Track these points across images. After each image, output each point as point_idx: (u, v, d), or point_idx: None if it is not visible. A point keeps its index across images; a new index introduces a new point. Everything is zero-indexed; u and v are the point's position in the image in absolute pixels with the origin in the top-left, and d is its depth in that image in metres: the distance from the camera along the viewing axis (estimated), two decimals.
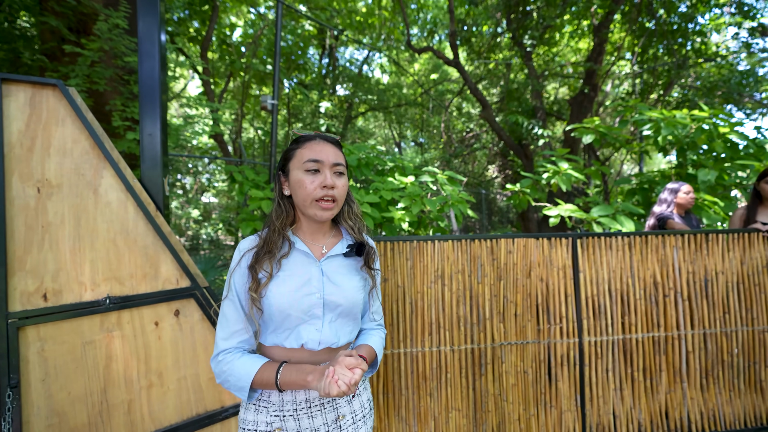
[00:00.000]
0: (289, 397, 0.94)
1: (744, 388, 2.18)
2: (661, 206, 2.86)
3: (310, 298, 0.94)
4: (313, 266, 0.98)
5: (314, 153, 0.93)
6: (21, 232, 1.44)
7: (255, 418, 0.94)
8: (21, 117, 1.50)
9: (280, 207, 0.98)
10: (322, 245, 1.02)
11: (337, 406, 0.98)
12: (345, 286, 0.99)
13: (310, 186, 0.92)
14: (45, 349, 1.43)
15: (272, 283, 0.92)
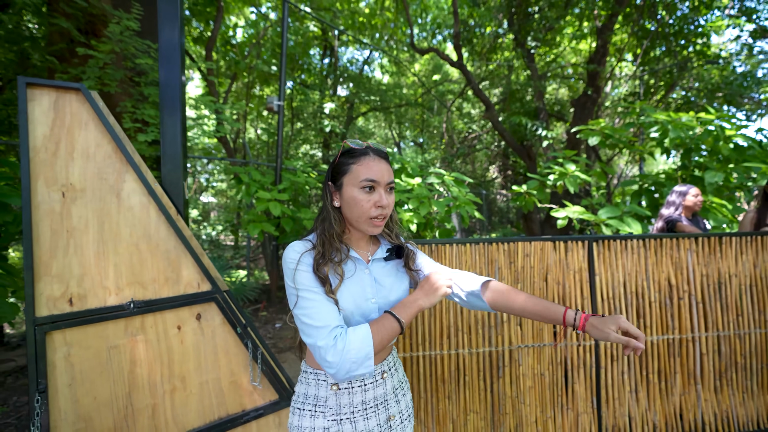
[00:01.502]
0: (346, 400, 0.95)
1: (757, 390, 2.21)
2: (669, 209, 2.88)
3: (368, 303, 0.98)
4: (365, 272, 1.01)
5: (371, 172, 0.94)
6: (46, 236, 1.44)
7: (311, 424, 0.94)
8: (45, 121, 1.50)
9: (334, 218, 0.99)
10: (367, 251, 1.06)
11: (387, 407, 1.00)
12: (393, 289, 1.03)
13: (366, 205, 0.94)
14: (71, 354, 1.43)
15: (345, 284, 0.95)
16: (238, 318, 1.80)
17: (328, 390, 0.96)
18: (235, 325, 1.79)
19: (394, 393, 1.04)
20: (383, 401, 1.00)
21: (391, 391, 1.03)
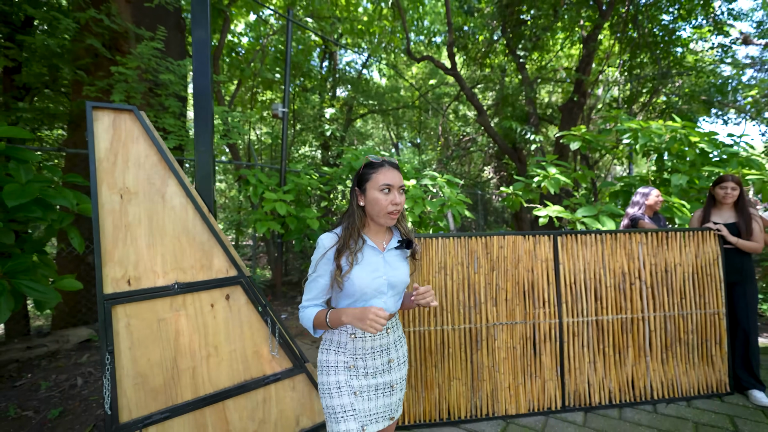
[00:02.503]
0: (360, 345, 1.28)
1: (698, 362, 2.59)
2: (633, 208, 3.26)
3: (379, 280, 1.28)
4: (379, 257, 1.30)
5: (387, 179, 1.24)
6: (109, 230, 1.81)
7: (336, 358, 1.29)
8: (106, 137, 1.86)
9: (358, 215, 1.29)
10: (383, 241, 1.35)
11: (389, 353, 1.33)
12: (400, 271, 1.33)
13: (384, 203, 1.24)
14: (130, 324, 1.79)
15: (354, 269, 1.24)
16: (259, 299, 2.16)
17: (348, 337, 1.28)
18: (257, 304, 2.16)
19: (394, 344, 1.36)
20: (386, 348, 1.33)
21: (392, 342, 1.35)
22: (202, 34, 2.24)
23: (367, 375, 1.29)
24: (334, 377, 1.27)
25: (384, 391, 1.31)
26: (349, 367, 1.27)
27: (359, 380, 1.27)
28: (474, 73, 11.50)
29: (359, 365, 1.28)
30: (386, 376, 1.32)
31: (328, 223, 6.82)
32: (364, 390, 1.27)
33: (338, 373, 1.27)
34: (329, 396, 1.26)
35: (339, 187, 6.24)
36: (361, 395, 1.26)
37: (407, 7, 8.54)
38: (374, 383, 1.29)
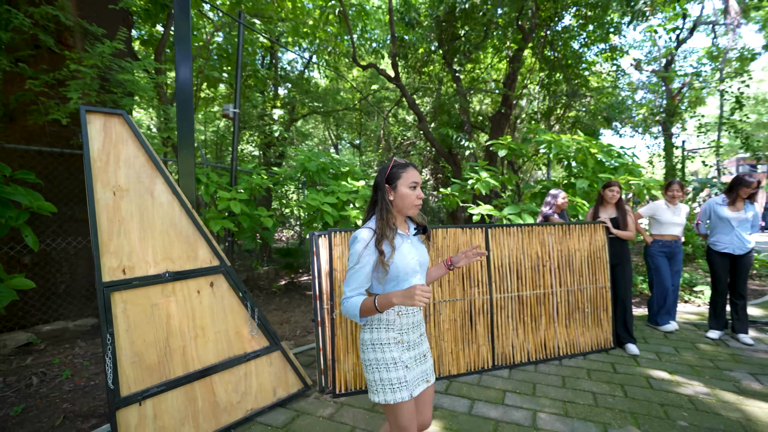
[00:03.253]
0: (405, 321, 1.45)
1: (591, 325, 3.34)
2: (545, 207, 3.99)
3: (413, 261, 1.45)
4: (408, 241, 1.48)
5: (415, 177, 1.46)
6: (105, 225, 1.98)
7: (387, 335, 1.42)
8: (99, 138, 2.03)
9: (388, 209, 1.44)
10: (405, 229, 1.53)
11: (420, 328, 1.53)
12: (423, 251, 1.54)
13: (413, 197, 1.44)
14: (126, 309, 1.98)
15: (397, 255, 1.40)
16: (239, 286, 2.43)
17: (395, 315, 1.43)
18: (238, 291, 2.42)
19: (421, 321, 1.55)
20: (419, 323, 1.52)
21: (421, 318, 1.55)
22: (185, 47, 2.45)
23: (410, 348, 1.46)
24: (389, 354, 1.40)
25: (420, 360, 1.49)
26: (398, 342, 1.43)
27: (407, 353, 1.44)
28: (413, 81, 12.23)
29: (404, 339, 1.45)
30: (420, 347, 1.51)
31: (280, 222, 6.96)
32: (410, 362, 1.44)
33: (391, 350, 1.41)
34: (385, 370, 1.39)
35: (291, 186, 6.45)
36: (410, 368, 1.43)
37: (353, 15, 8.93)
38: (414, 354, 1.47)
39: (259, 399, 2.41)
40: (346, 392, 2.64)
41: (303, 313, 4.96)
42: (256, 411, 2.37)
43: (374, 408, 2.49)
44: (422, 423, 1.49)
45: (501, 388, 2.74)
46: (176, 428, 2.04)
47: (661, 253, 3.86)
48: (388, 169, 1.46)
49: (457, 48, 8.98)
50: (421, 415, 1.49)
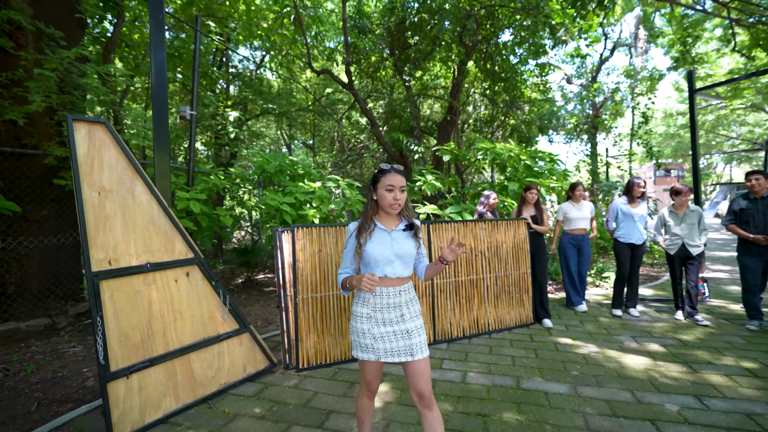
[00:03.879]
0: (378, 300, 1.66)
1: (515, 305, 3.99)
2: (480, 206, 4.62)
3: (387, 252, 1.66)
4: (387, 236, 1.69)
5: (391, 181, 1.64)
6: (92, 221, 2.23)
7: (361, 309, 1.68)
8: (84, 144, 2.27)
9: (371, 206, 1.72)
10: (392, 225, 1.73)
11: (401, 309, 1.68)
12: (404, 245, 1.70)
13: (389, 198, 1.64)
14: (113, 295, 2.24)
15: (368, 245, 1.66)
16: (212, 276, 2.74)
17: (370, 295, 1.67)
18: (211, 280, 2.73)
19: (406, 303, 1.70)
20: (398, 305, 1.68)
21: (404, 301, 1.69)
22: (160, 56, 2.71)
23: (384, 323, 1.65)
24: (360, 325, 1.67)
25: (401, 336, 1.65)
26: (369, 317, 1.67)
27: (378, 328, 1.65)
28: (366, 85, 12.71)
29: (377, 316, 1.66)
30: (401, 325, 1.66)
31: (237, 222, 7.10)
32: (385, 335, 1.64)
33: (363, 322, 1.67)
34: (356, 335, 1.68)
35: (248, 187, 6.63)
36: (382, 339, 1.64)
37: (307, 22, 9.21)
38: (391, 330, 1.65)
39: (231, 374, 2.73)
40: (308, 367, 3.03)
41: (262, 307, 5.23)
42: (229, 384, 2.69)
43: (333, 377, 2.91)
44: (418, 392, 1.62)
45: (440, 357, 3.27)
46: (159, 399, 2.32)
47: (571, 245, 4.63)
48: (376, 173, 1.72)
49: (408, 56, 9.58)
50: (415, 385, 1.63)
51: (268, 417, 2.36)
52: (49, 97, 3.47)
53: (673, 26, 12.90)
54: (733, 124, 23.40)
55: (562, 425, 2.24)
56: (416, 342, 1.65)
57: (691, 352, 3.30)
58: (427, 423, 1.59)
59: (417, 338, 1.66)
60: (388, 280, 1.67)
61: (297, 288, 3.02)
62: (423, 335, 1.69)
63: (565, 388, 2.70)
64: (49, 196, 4.38)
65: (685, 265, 4.17)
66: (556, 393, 2.63)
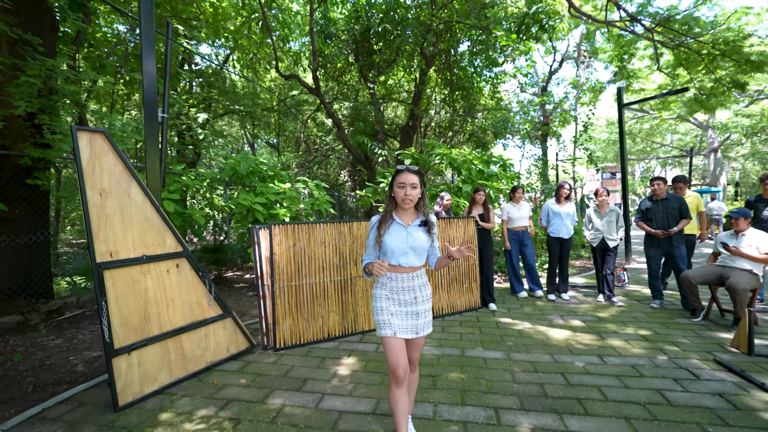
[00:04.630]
0: (394, 284, 1.87)
1: (465, 291, 4.60)
2: (436, 206, 5.20)
3: (402, 243, 1.85)
4: (403, 229, 1.87)
5: (402, 179, 1.83)
6: (95, 219, 2.54)
7: (380, 291, 1.90)
8: (86, 150, 2.58)
9: (389, 202, 1.92)
10: (409, 220, 1.91)
11: (414, 292, 1.89)
12: (417, 238, 1.87)
13: (401, 194, 1.84)
14: (115, 283, 2.57)
15: (386, 236, 1.85)
16: (198, 267, 3.10)
17: (387, 279, 1.88)
18: (197, 271, 3.09)
19: (419, 287, 1.91)
20: (412, 288, 1.89)
21: (417, 285, 1.90)
22: (150, 66, 3.03)
23: (400, 304, 1.88)
24: (378, 303, 1.89)
25: (412, 316, 1.88)
26: (387, 297, 1.90)
27: (395, 307, 1.88)
28: (332, 88, 13.09)
29: (393, 297, 1.89)
30: (413, 306, 1.88)
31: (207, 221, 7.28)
32: (398, 313, 1.87)
33: (381, 301, 1.89)
34: (376, 314, 1.88)
35: (220, 187, 6.85)
36: (397, 316, 1.86)
37: (275, 27, 9.47)
38: (405, 310, 1.88)
39: (216, 353, 3.11)
40: (285, 347, 3.45)
41: (234, 301, 5.53)
42: (215, 362, 3.07)
43: (308, 354, 3.35)
44: (410, 359, 1.94)
45: None
46: (155, 373, 2.67)
47: (513, 240, 5.32)
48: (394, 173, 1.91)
49: (372, 62, 10.09)
50: (409, 355, 1.92)
51: (252, 385, 2.77)
52: (30, 103, 3.64)
53: (612, 44, 14.29)
54: (666, 133, 25.90)
55: (494, 379, 2.83)
56: (422, 322, 1.89)
57: (602, 326, 4.04)
58: None
59: (424, 319, 1.90)
60: (402, 268, 1.87)
61: (274, 278, 3.43)
62: (429, 316, 1.93)
63: (500, 354, 3.30)
64: (21, 196, 4.48)
65: (604, 256, 4.97)
66: (493, 358, 3.23)
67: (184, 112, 10.06)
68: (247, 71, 12.93)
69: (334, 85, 12.70)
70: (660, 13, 11.41)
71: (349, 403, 2.51)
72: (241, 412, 2.40)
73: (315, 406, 2.48)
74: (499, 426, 2.23)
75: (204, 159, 16.32)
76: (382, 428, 2.22)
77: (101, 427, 2.26)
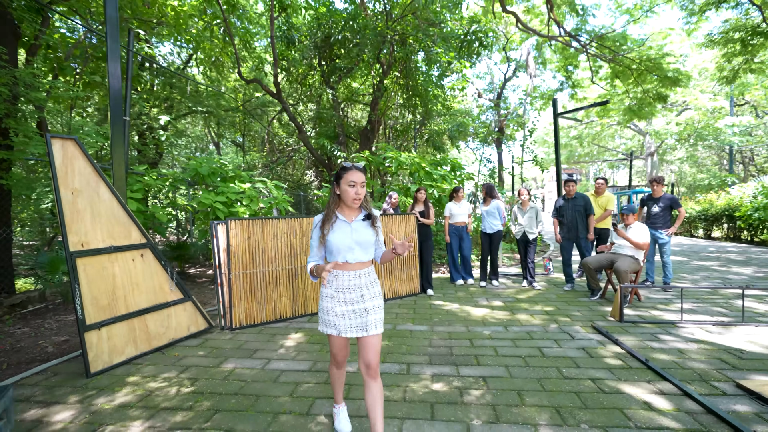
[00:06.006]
0: (339, 282, 1.85)
1: (406, 279, 5.24)
2: (385, 204, 5.82)
3: (347, 240, 1.84)
4: (347, 226, 1.86)
5: (353, 177, 1.81)
6: (68, 215, 2.95)
7: (325, 291, 1.87)
8: (59, 155, 2.99)
9: (334, 200, 1.88)
10: (352, 216, 1.91)
11: (361, 290, 1.87)
12: (362, 234, 1.88)
13: (350, 193, 1.81)
14: (86, 269, 2.98)
15: (330, 235, 1.83)
16: (161, 257, 3.54)
17: (333, 277, 1.87)
18: (160, 260, 3.53)
19: (366, 285, 1.88)
20: (359, 287, 1.86)
21: (364, 283, 1.88)
22: (115, 67, 3.43)
23: (345, 303, 1.85)
24: (324, 303, 1.89)
25: (359, 314, 1.85)
26: (332, 297, 1.87)
27: (340, 307, 1.85)
28: (296, 90, 13.46)
29: (338, 296, 1.86)
30: (360, 304, 1.86)
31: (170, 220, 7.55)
32: (345, 313, 1.85)
33: (326, 301, 1.88)
34: (322, 312, 1.90)
35: (182, 187, 7.15)
36: (342, 316, 1.84)
37: (236, 31, 9.79)
38: (351, 309, 1.85)
39: (178, 332, 3.56)
40: (240, 327, 3.94)
41: (196, 294, 5.90)
42: (177, 339, 3.52)
43: (260, 332, 3.86)
44: (366, 362, 1.86)
45: None
46: (122, 347, 3.11)
47: (454, 235, 6.03)
48: (339, 170, 1.87)
49: (335, 67, 10.59)
50: (364, 357, 1.86)
51: (209, 356, 3.26)
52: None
53: (558, 55, 15.52)
54: (616, 136, 27.99)
55: (414, 345, 3.46)
56: (372, 320, 1.85)
57: (517, 305, 4.79)
58: (370, 392, 1.83)
59: (373, 316, 1.86)
60: (349, 265, 1.86)
61: (230, 267, 3.91)
62: (380, 314, 1.90)
63: (424, 328, 3.95)
64: None
65: (527, 248, 5.77)
66: (418, 330, 3.87)
67: (145, 112, 10.17)
68: (211, 71, 13.06)
69: (298, 87, 13.08)
70: (596, 31, 12.62)
71: (291, 365, 3.05)
72: (198, 374, 2.90)
73: (262, 367, 3.01)
74: (407, 375, 2.85)
75: (167, 159, 16.23)
76: (314, 380, 2.79)
77: (76, 388, 2.69)
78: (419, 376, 2.82)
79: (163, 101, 11.74)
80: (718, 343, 3.38)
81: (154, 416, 2.31)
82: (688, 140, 19.85)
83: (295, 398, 2.52)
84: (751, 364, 2.95)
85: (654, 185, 5.54)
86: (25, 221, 11.28)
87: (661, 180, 5.49)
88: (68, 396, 2.59)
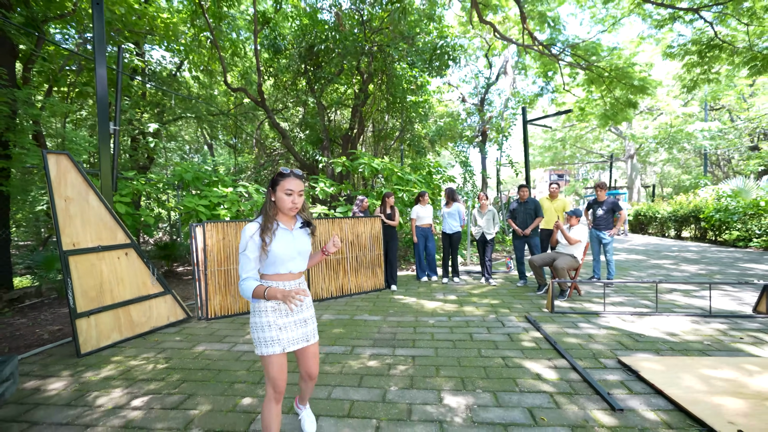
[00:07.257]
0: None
1: (371, 275, 5.77)
2: (355, 207, 6.34)
3: (290, 249, 1.78)
4: (289, 234, 1.80)
5: (290, 185, 1.74)
6: (62, 219, 3.46)
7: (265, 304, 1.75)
8: (54, 169, 3.49)
9: (271, 207, 1.78)
10: (291, 224, 1.85)
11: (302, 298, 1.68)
12: (303, 243, 1.85)
13: (287, 201, 1.75)
14: (77, 266, 3.48)
15: (273, 244, 1.72)
16: (143, 255, 4.04)
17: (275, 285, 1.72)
18: (143, 258, 4.03)
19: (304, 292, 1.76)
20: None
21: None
22: (102, 81, 3.93)
23: (288, 314, 1.80)
24: (263, 318, 1.75)
25: (300, 324, 1.84)
26: (274, 309, 1.78)
27: (283, 319, 1.78)
28: (284, 95, 13.95)
29: (281, 307, 1.79)
30: (300, 314, 1.85)
31: (157, 221, 8.03)
32: (287, 325, 1.79)
33: (267, 314, 1.76)
34: (261, 330, 1.74)
35: (170, 191, 7.63)
36: (285, 329, 1.78)
37: (224, 42, 10.27)
38: (293, 320, 1.81)
39: (158, 321, 4.07)
40: (215, 317, 4.45)
41: (181, 290, 6.40)
42: (157, 327, 4.03)
43: (232, 322, 4.37)
44: (309, 373, 1.90)
45: None
46: (108, 333, 3.61)
47: (420, 236, 6.56)
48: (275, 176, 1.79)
49: (319, 74, 11.10)
50: (306, 368, 1.89)
51: (185, 341, 3.77)
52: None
53: (538, 61, 16.12)
54: (598, 140, 28.69)
55: (364, 332, 3.98)
56: (311, 329, 1.88)
57: (469, 299, 5.33)
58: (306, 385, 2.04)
59: (312, 325, 1.89)
60: (291, 275, 1.82)
61: (207, 264, 4.42)
62: (315, 323, 1.92)
63: (378, 318, 4.48)
64: None
65: (485, 247, 6.31)
66: (372, 320, 4.40)
67: (136, 118, 10.64)
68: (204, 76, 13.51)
69: (286, 92, 13.57)
70: (569, 40, 13.21)
71: (253, 347, 3.57)
72: (173, 355, 3.41)
73: (228, 349, 3.53)
74: (350, 355, 3.38)
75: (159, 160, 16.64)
76: None
77: (68, 366, 3.20)
78: (359, 356, 3.34)
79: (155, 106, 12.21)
80: (625, 330, 3.93)
81: (132, 385, 2.83)
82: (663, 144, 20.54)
83: (251, 372, 3.05)
84: (643, 345, 3.51)
85: (597, 190, 6.10)
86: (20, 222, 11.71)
87: (604, 185, 6.05)
88: (61, 371, 3.10)
